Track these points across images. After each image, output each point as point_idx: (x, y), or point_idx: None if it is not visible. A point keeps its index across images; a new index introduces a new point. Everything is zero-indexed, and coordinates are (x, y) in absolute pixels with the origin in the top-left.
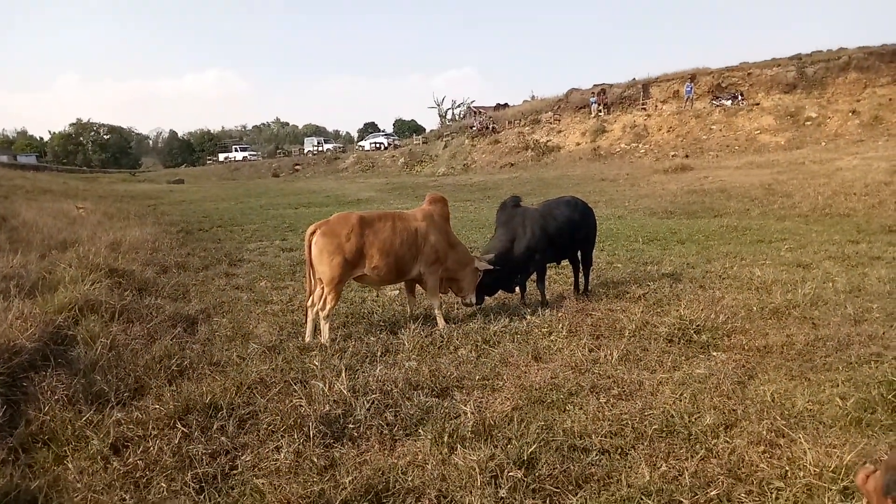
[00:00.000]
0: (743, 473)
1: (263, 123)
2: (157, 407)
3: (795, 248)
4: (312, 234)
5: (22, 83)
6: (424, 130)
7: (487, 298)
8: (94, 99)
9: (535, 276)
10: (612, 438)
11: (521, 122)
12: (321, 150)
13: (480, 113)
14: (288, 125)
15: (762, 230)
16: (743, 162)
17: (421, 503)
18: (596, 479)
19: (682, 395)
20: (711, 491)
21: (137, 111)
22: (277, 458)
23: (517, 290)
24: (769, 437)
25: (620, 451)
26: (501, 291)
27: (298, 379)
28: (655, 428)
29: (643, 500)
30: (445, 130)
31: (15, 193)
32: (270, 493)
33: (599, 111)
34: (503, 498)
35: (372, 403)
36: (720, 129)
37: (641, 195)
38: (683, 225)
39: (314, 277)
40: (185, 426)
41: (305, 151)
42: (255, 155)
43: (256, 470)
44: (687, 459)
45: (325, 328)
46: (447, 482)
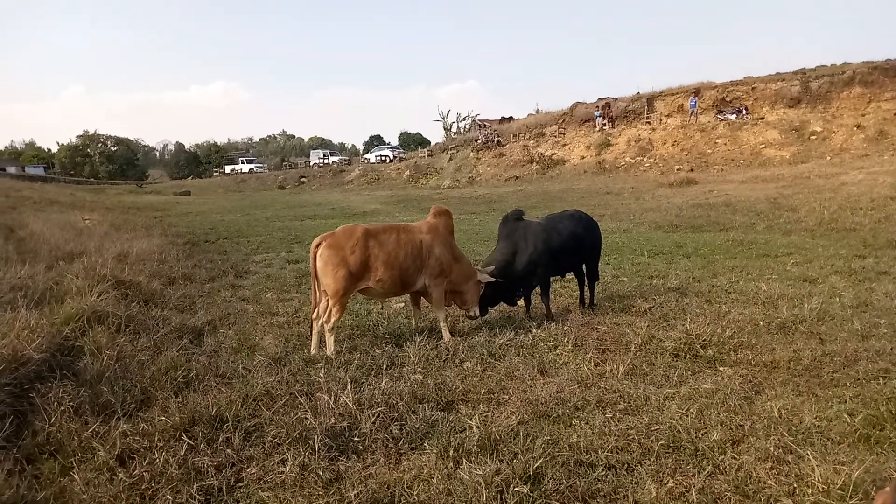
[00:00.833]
0: (750, 490)
1: (269, 136)
2: (163, 418)
3: (801, 262)
4: (318, 246)
5: (29, 94)
6: (429, 143)
7: (492, 312)
8: (101, 111)
9: (539, 289)
10: (618, 454)
11: (525, 135)
12: (327, 162)
13: (485, 126)
14: (294, 137)
15: (768, 244)
16: (748, 176)
17: None
18: (602, 494)
19: (688, 410)
20: None
21: (144, 123)
22: (283, 470)
23: (522, 303)
24: (777, 453)
25: (627, 466)
26: (506, 305)
27: (304, 391)
28: (662, 443)
29: None
30: (450, 143)
31: (23, 205)
32: None
33: (604, 125)
34: None
35: (377, 416)
36: (725, 143)
37: (646, 209)
38: (689, 239)
39: (319, 290)
40: (190, 438)
41: (311, 164)
42: (261, 167)
43: (262, 483)
44: (694, 476)
45: (330, 340)
46: (453, 497)
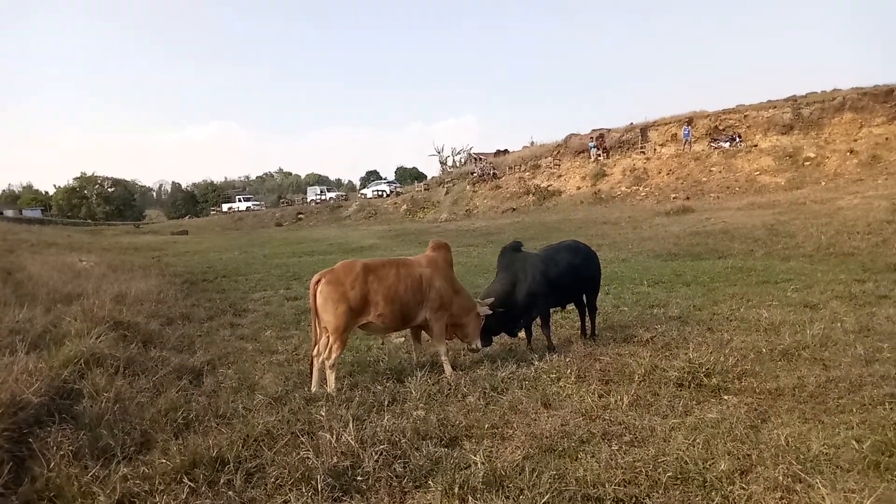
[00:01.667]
0: None
1: (266, 173)
2: (163, 461)
3: (802, 288)
4: (317, 282)
5: (27, 137)
6: (426, 177)
7: (494, 345)
8: (98, 152)
9: (539, 320)
10: (625, 487)
11: (521, 167)
12: (324, 198)
13: (481, 159)
14: (291, 175)
15: (767, 271)
16: (744, 203)
17: None
18: None
19: (695, 440)
20: None
21: (142, 164)
22: None
23: (523, 334)
24: (786, 482)
25: (635, 499)
26: (507, 337)
27: (305, 430)
28: (670, 475)
29: None
30: (447, 177)
31: (20, 247)
32: None
33: (599, 155)
34: None
35: (380, 454)
36: (720, 170)
37: (644, 238)
38: (688, 267)
39: (319, 326)
40: (191, 481)
41: (308, 200)
42: (258, 205)
43: None
44: None
45: (331, 377)
46: None
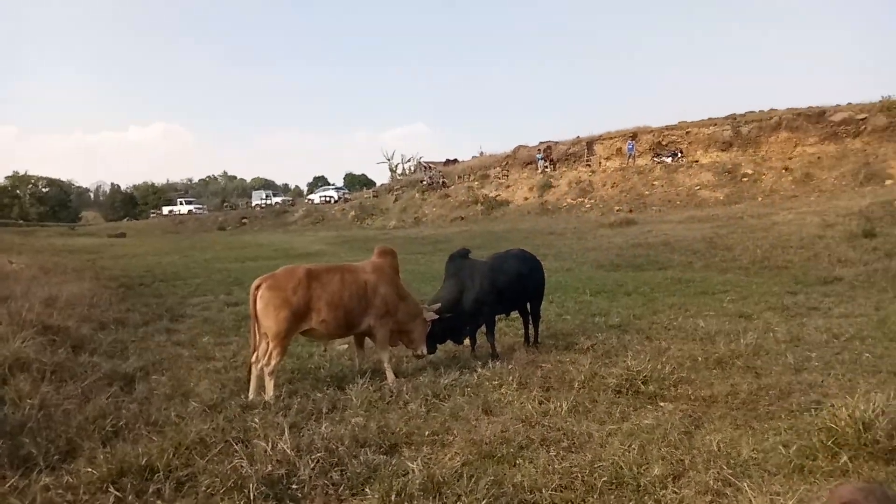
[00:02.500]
0: None
1: (210, 176)
2: (89, 470)
3: (737, 299)
4: (258, 287)
5: None
6: (375, 184)
7: (438, 352)
8: (32, 151)
9: (484, 328)
10: (562, 492)
11: (470, 176)
12: (269, 203)
13: (430, 168)
14: (236, 178)
15: (705, 282)
16: (685, 216)
17: None
18: None
19: (630, 446)
20: None
21: (79, 164)
22: None
23: (467, 342)
24: (716, 486)
25: None
26: (451, 344)
27: (240, 438)
28: (605, 480)
29: None
30: (396, 184)
31: None
32: None
33: (546, 167)
34: None
35: (317, 462)
36: (662, 184)
37: (588, 248)
38: (629, 277)
39: (259, 332)
40: (118, 490)
41: (253, 205)
42: (200, 208)
43: None
44: None
45: (269, 384)
46: None
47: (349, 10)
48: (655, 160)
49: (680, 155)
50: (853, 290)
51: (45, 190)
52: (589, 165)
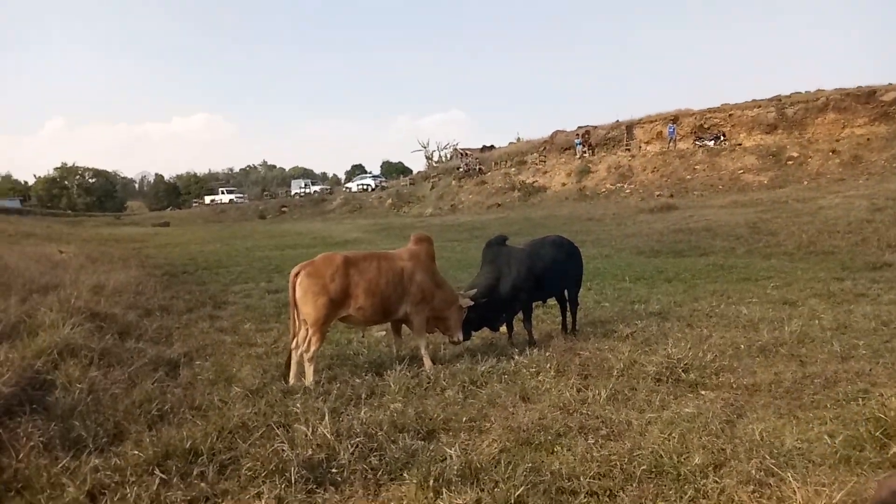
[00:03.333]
0: None
1: (250, 166)
2: (135, 453)
3: (781, 285)
4: (297, 274)
5: (8, 127)
6: (411, 172)
7: (475, 339)
8: (80, 143)
9: (521, 315)
10: (600, 480)
11: (507, 163)
12: (308, 192)
13: (467, 155)
14: (275, 168)
15: (748, 268)
16: (727, 201)
17: None
18: None
19: (670, 434)
20: None
21: (124, 155)
22: None
23: (504, 329)
24: (758, 476)
25: (609, 492)
26: (488, 332)
27: (281, 423)
28: (644, 468)
29: None
30: (432, 172)
31: None
32: None
33: (584, 152)
34: None
35: (356, 447)
36: (704, 168)
37: (628, 234)
38: (670, 263)
39: (298, 319)
40: (164, 472)
41: (292, 193)
42: (241, 197)
43: None
44: (676, 501)
45: (309, 370)
46: None
47: None
48: (697, 144)
49: (722, 138)
50: None
51: (91, 181)
52: (629, 150)
